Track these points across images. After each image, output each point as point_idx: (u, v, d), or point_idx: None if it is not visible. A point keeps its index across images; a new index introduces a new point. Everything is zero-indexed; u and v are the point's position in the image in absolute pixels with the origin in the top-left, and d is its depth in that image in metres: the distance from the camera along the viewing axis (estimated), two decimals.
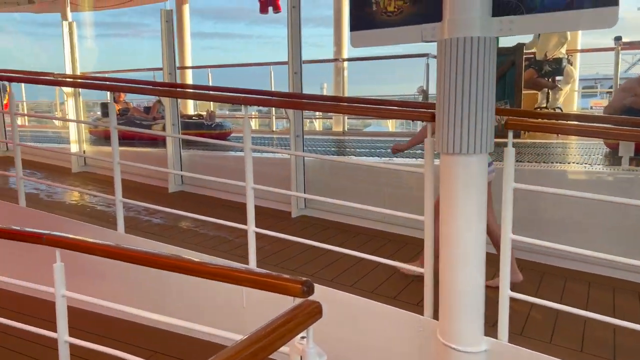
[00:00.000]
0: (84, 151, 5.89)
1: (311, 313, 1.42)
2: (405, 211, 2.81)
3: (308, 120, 9.13)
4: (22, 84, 9.98)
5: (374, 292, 2.95)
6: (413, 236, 3.70)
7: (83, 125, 5.92)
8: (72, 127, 5.76)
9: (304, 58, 4.30)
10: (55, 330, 2.18)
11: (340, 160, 4.60)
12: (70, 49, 5.57)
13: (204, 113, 6.79)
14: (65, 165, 5.93)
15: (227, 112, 11.65)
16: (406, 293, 2.94)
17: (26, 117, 11.63)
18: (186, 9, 9.33)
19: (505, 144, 2.25)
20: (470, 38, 2.08)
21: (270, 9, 8.46)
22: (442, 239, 2.30)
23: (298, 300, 1.52)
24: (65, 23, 5.58)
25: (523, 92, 5.99)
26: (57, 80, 4.89)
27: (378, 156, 4.99)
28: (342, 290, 2.89)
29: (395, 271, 3.17)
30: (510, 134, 2.26)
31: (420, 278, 3.00)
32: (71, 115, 5.72)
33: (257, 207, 3.39)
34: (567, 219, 3.53)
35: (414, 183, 3.99)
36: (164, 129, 6.01)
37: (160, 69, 5.15)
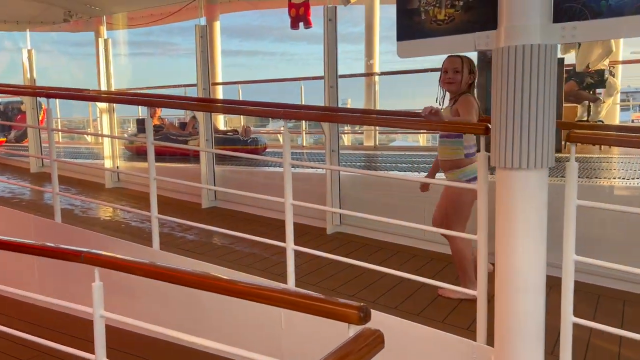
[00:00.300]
0: (118, 167, 5.91)
1: (373, 343, 1.30)
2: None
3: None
4: (57, 101, 10.21)
5: (420, 315, 2.80)
6: None
7: (117, 141, 5.95)
8: (106, 143, 5.80)
9: None
10: (92, 351, 2.11)
11: (385, 176, 4.36)
12: (105, 66, 5.62)
13: (239, 128, 6.77)
14: (99, 181, 5.96)
15: (252, 128, 11.67)
16: (454, 316, 2.78)
17: (60, 134, 11.89)
18: (217, 26, 9.42)
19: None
20: (530, 46, 1.95)
21: (301, 24, 8.49)
22: (498, 260, 2.15)
23: (355, 328, 1.41)
24: (101, 40, 5.64)
25: (563, 105, 5.80)
26: (96, 96, 4.92)
27: (417, 171, 4.84)
28: (386, 313, 2.75)
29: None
30: (573, 148, 2.11)
31: (467, 300, 2.86)
32: (105, 131, 5.76)
33: (280, 221, 3.31)
34: (616, 237, 3.33)
35: None
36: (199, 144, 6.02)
37: (194, 85, 5.16)
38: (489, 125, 2.21)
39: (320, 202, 4.18)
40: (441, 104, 3.03)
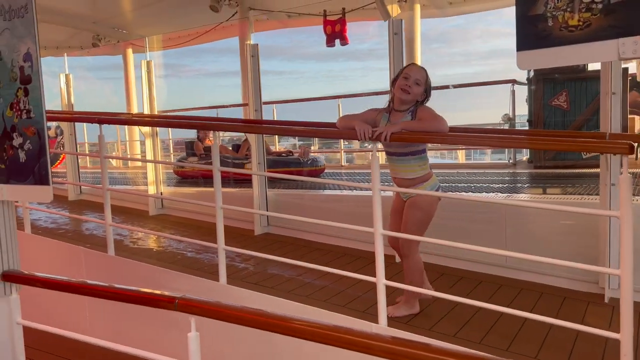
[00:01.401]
0: (161, 193, 5.68)
1: None
2: (527, 253, 2.39)
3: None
4: (84, 125, 10.09)
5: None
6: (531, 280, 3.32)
7: (161, 166, 5.74)
8: (150, 168, 5.58)
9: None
10: None
11: (491, 201, 3.87)
12: (148, 88, 5.43)
13: (297, 149, 6.52)
14: (142, 208, 5.74)
15: (284, 147, 11.41)
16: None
17: (87, 159, 11.78)
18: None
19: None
20: None
21: (337, 41, 8.30)
22: None
23: None
24: (143, 62, 5.46)
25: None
26: (150, 121, 4.70)
27: (486, 191, 4.53)
28: None
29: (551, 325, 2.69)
30: None
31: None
32: (149, 155, 5.55)
33: (348, 249, 3.07)
34: None
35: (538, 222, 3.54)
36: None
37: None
38: (634, 144, 1.92)
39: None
40: (388, 114, 2.84)
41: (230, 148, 6.75)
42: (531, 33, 2.10)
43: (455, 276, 3.58)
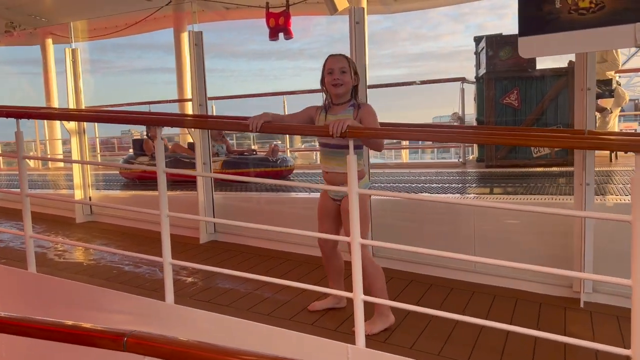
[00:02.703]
0: (90, 197, 5.06)
1: None
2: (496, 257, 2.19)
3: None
4: None
5: None
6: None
7: (89, 168, 5.11)
8: (76, 169, 4.95)
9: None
10: None
11: (498, 207, 3.03)
12: (74, 80, 4.81)
13: (266, 148, 6.05)
14: (66, 215, 5.10)
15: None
16: None
17: (0, 158, 10.68)
18: (184, 37, 8.67)
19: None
20: None
21: (281, 34, 7.92)
22: None
23: None
24: (67, 51, 4.83)
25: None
26: (86, 115, 4.10)
27: (447, 192, 4.34)
28: None
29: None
30: None
31: None
32: (75, 155, 4.92)
33: (308, 257, 2.79)
34: None
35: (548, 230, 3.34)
36: (221, 166, 5.32)
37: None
38: None
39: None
40: (325, 110, 2.69)
41: (186, 147, 6.16)
42: (536, 16, 1.87)
43: (425, 283, 3.34)
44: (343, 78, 2.60)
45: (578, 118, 2.97)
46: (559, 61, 5.54)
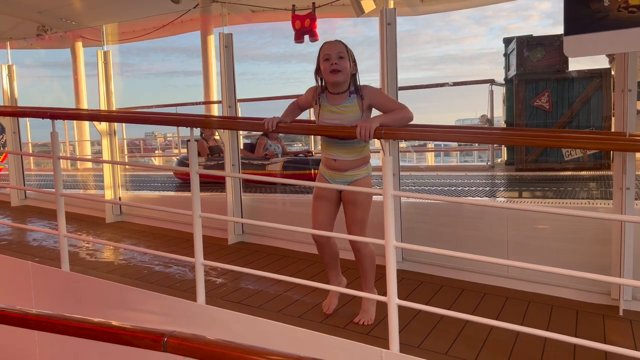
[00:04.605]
0: (120, 198, 5.13)
1: None
2: (530, 262, 2.11)
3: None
4: (27, 123, 9.30)
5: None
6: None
7: (119, 168, 5.17)
8: (107, 170, 5.02)
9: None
10: None
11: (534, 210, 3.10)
12: (105, 82, 4.88)
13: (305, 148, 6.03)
14: (97, 215, 5.17)
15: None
16: None
17: (31, 159, 10.90)
18: (211, 40, 8.75)
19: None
20: None
21: (307, 37, 7.93)
22: None
23: None
24: (100, 53, 4.91)
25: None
26: (121, 116, 4.15)
27: (476, 195, 4.27)
28: None
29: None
30: None
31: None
32: (105, 156, 4.99)
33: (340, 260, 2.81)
34: None
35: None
36: (282, 168, 5.30)
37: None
38: None
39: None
40: (317, 100, 2.57)
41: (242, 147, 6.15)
42: (583, 15, 1.82)
43: (457, 288, 3.28)
44: (341, 63, 2.45)
45: (618, 120, 2.89)
46: (594, 63, 5.42)
